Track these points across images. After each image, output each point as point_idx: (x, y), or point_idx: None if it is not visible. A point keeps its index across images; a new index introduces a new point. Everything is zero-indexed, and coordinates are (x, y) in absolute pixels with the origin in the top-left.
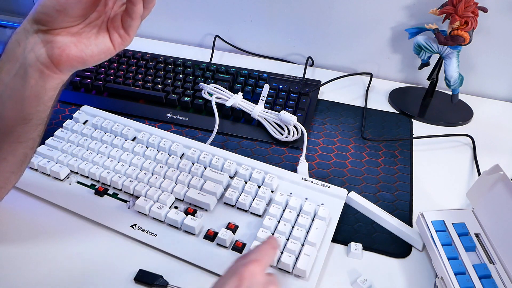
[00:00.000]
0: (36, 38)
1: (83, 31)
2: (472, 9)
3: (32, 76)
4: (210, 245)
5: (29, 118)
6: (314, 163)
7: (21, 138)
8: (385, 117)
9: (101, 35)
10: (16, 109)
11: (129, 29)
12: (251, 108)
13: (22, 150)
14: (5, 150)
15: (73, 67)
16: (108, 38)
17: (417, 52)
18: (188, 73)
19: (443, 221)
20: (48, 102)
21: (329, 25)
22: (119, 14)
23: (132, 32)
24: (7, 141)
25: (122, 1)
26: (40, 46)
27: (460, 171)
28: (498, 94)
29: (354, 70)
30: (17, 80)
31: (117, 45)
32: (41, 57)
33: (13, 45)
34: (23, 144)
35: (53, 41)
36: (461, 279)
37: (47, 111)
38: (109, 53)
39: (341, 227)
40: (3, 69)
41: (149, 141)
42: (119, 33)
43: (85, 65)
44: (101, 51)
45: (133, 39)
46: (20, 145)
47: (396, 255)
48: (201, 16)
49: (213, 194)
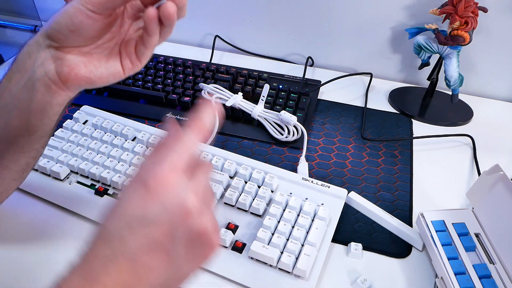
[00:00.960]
0: (47, 53)
1: (94, 51)
2: (472, 9)
3: (39, 90)
4: None
5: (33, 130)
6: (314, 163)
7: (24, 149)
8: (385, 117)
9: (113, 58)
10: (21, 120)
11: (141, 57)
12: (251, 108)
13: (24, 159)
14: (8, 159)
15: (80, 86)
16: (119, 62)
17: (417, 52)
18: (188, 73)
19: (443, 221)
20: (53, 117)
21: (329, 25)
22: (134, 39)
23: (145, 60)
24: (11, 150)
25: (138, 26)
26: (50, 61)
27: (460, 171)
28: (498, 94)
29: (354, 70)
30: (24, 92)
31: (127, 70)
32: (49, 73)
33: (24, 56)
34: (26, 154)
35: (63, 58)
36: (461, 279)
37: (51, 125)
38: (118, 77)
39: (341, 227)
40: (12, 79)
41: (149, 141)
42: (131, 58)
43: (92, 86)
44: (110, 74)
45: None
46: (23, 155)
47: (396, 255)
48: (201, 16)
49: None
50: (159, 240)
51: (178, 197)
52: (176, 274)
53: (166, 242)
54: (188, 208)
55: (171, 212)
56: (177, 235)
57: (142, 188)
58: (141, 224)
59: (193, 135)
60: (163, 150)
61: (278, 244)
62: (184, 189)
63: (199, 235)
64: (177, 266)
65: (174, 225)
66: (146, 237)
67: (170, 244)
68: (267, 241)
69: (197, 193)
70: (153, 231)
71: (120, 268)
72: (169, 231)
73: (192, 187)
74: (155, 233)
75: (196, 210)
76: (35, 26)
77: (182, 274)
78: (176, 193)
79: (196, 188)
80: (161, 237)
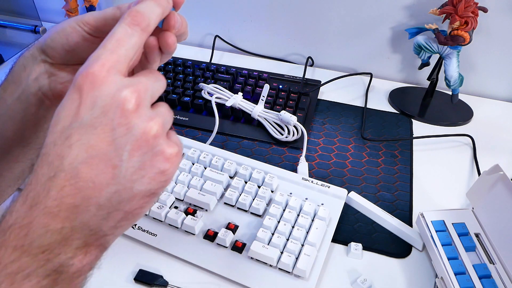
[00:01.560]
0: (42, 68)
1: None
2: (472, 9)
3: (33, 104)
4: (210, 245)
5: (27, 141)
6: (314, 163)
7: (19, 158)
8: (385, 117)
9: None
10: (15, 131)
11: None
12: (251, 108)
13: (19, 168)
14: (2, 167)
15: None
16: None
17: (417, 52)
18: (188, 73)
19: (443, 221)
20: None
21: (329, 25)
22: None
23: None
24: (5, 160)
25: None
26: (45, 77)
27: (460, 171)
28: (498, 94)
29: (354, 70)
30: (18, 104)
31: None
32: (43, 88)
33: (19, 68)
34: (20, 163)
35: (57, 75)
36: (461, 279)
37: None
38: None
39: (341, 227)
40: (7, 90)
41: None
42: None
43: None
44: None
45: None
46: (18, 164)
47: (396, 255)
48: (201, 16)
49: (213, 194)
50: (99, 147)
51: (111, 94)
52: (127, 190)
53: (106, 148)
54: (126, 106)
55: (107, 110)
56: (119, 139)
57: (73, 91)
58: (77, 133)
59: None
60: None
61: (278, 244)
62: (119, 84)
63: (145, 139)
64: (126, 178)
65: (113, 125)
66: (84, 147)
67: (112, 150)
68: (267, 241)
69: (138, 92)
70: (90, 139)
71: (61, 187)
72: (108, 134)
73: (127, 84)
74: (93, 140)
75: (134, 108)
76: (35, 26)
77: (135, 191)
78: (109, 89)
79: (135, 86)
80: (100, 144)
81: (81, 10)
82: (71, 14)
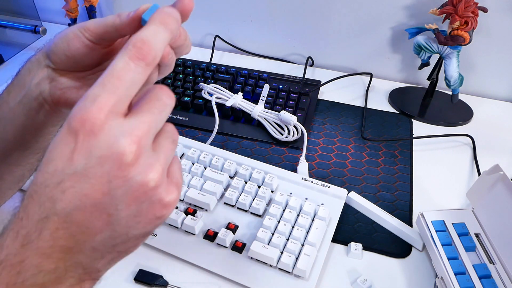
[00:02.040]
0: (45, 73)
1: (90, 77)
2: (472, 9)
3: (34, 108)
4: (210, 245)
5: (28, 146)
6: (314, 163)
7: (19, 162)
8: (385, 117)
9: None
10: (16, 134)
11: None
12: (251, 108)
13: (19, 171)
14: (2, 170)
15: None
16: None
17: (417, 52)
18: (188, 73)
19: (443, 221)
20: (47, 135)
21: (329, 25)
22: None
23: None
24: (5, 163)
25: None
26: (46, 82)
27: (460, 171)
28: (498, 94)
29: (354, 70)
30: (20, 108)
31: None
32: (44, 93)
33: (25, 71)
34: (20, 167)
35: (58, 81)
36: (461, 279)
37: (46, 143)
38: None
39: (341, 227)
40: (11, 92)
41: None
42: None
43: None
44: None
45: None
46: (18, 167)
47: (396, 255)
48: (201, 16)
49: (213, 194)
50: (93, 196)
51: (109, 144)
52: (122, 235)
53: (101, 198)
54: (124, 156)
55: (103, 161)
56: (115, 191)
57: (67, 134)
58: (70, 179)
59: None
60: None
61: (278, 244)
62: (117, 132)
63: (143, 191)
64: (121, 225)
65: (109, 178)
66: (78, 195)
67: (108, 200)
68: (267, 241)
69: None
70: (84, 187)
71: (54, 229)
72: (103, 184)
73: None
74: (87, 190)
75: (133, 161)
76: (35, 26)
77: (130, 235)
78: (106, 138)
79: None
80: (95, 194)
81: (81, 10)
82: (71, 14)
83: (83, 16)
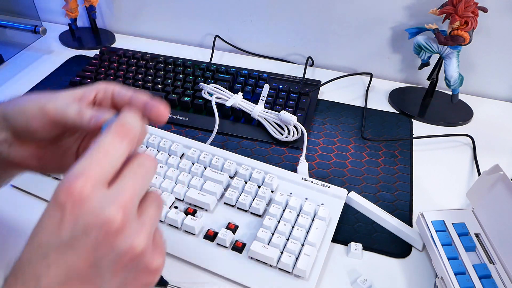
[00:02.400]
0: (3, 135)
1: (51, 148)
2: (472, 9)
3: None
4: (210, 245)
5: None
6: (314, 163)
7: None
8: (385, 117)
9: (69, 155)
10: None
11: None
12: (251, 108)
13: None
14: None
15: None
16: (75, 159)
17: (417, 52)
18: (188, 73)
19: (443, 221)
20: (1, 182)
21: (329, 25)
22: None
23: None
24: None
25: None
26: (5, 145)
27: (460, 171)
28: (498, 94)
29: (354, 70)
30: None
31: None
32: (3, 154)
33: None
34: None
35: (17, 149)
36: (461, 279)
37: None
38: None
39: (341, 227)
40: None
41: (149, 141)
42: None
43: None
44: (63, 169)
45: None
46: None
47: (396, 255)
48: (201, 16)
49: (213, 194)
50: (79, 268)
51: (95, 213)
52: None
53: (87, 270)
54: (110, 226)
55: (89, 230)
56: (101, 260)
57: (54, 207)
58: (56, 252)
59: (116, 139)
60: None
61: (278, 244)
62: (103, 201)
63: (130, 257)
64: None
65: (95, 246)
66: (63, 268)
67: (94, 271)
68: (267, 241)
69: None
70: (70, 259)
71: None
72: (90, 254)
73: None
74: (73, 261)
75: (119, 228)
76: (35, 26)
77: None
78: (92, 207)
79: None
80: (81, 265)
81: (81, 10)
82: (71, 14)
83: (83, 16)
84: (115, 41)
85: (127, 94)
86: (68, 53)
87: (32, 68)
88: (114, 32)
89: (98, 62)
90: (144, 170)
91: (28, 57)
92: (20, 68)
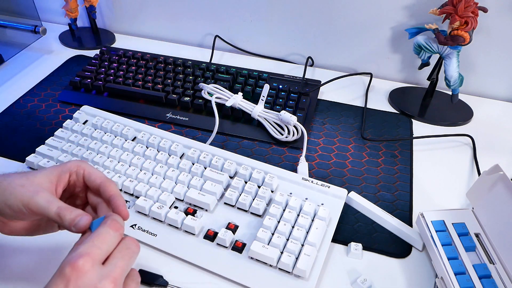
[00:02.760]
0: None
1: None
2: (472, 9)
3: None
4: (210, 245)
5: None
6: (314, 163)
7: None
8: (385, 117)
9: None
10: None
11: None
12: (251, 108)
13: None
14: None
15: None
16: (58, 227)
17: (417, 52)
18: (188, 73)
19: (443, 221)
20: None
21: (329, 25)
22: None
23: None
24: None
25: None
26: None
27: (460, 171)
28: (498, 94)
29: (354, 70)
30: None
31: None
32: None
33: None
34: None
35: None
36: (461, 279)
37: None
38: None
39: (341, 227)
40: None
41: (149, 141)
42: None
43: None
44: (49, 232)
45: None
46: None
47: (396, 255)
48: (201, 16)
49: (213, 194)
50: None
51: (93, 285)
52: None
53: None
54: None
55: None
56: None
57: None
58: None
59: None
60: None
61: (278, 244)
62: (99, 275)
63: None
64: None
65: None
66: None
67: None
68: (267, 241)
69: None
70: None
71: None
72: None
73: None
74: None
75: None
76: (35, 26)
77: None
78: (91, 280)
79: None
80: None
81: (81, 10)
82: (71, 14)
83: (83, 16)
84: (115, 41)
85: (96, 181)
86: (68, 53)
87: (32, 68)
88: (114, 32)
89: (98, 62)
90: (131, 251)
91: (28, 57)
92: (20, 68)
